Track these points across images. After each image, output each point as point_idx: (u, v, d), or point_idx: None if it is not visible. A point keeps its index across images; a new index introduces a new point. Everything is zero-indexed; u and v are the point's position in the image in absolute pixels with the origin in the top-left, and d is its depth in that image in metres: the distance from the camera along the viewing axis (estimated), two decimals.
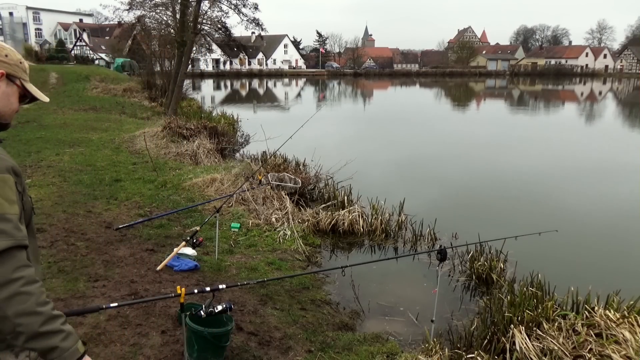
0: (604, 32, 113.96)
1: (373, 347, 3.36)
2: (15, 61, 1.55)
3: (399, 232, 6.16)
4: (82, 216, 5.62)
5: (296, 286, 4.33)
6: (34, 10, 76.80)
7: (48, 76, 27.09)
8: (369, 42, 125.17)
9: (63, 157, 8.82)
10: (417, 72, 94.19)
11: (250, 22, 17.68)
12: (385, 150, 13.10)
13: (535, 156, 11.99)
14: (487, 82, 62.47)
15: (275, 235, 5.50)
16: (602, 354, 2.96)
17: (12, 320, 1.24)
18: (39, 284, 1.31)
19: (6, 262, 1.24)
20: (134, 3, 17.34)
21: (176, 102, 16.44)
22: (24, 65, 1.59)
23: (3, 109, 1.53)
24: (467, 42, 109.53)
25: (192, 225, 5.63)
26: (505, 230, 5.26)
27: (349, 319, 3.90)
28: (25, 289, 1.26)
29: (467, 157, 11.81)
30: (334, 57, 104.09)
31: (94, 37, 71.62)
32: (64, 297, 3.72)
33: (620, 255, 5.90)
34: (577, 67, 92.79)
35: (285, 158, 9.10)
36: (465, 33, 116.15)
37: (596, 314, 3.36)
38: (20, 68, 1.57)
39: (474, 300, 4.61)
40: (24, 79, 1.58)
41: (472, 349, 3.34)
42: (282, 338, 3.40)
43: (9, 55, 1.53)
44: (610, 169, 10.70)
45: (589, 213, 7.70)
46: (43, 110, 15.48)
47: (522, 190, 9.01)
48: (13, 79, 1.54)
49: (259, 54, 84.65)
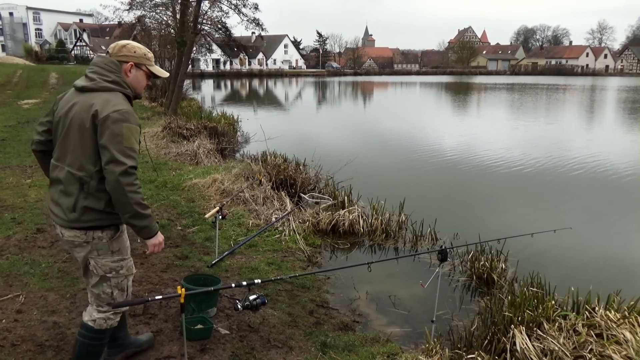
0: (605, 32, 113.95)
1: (373, 348, 3.36)
2: (140, 55, 2.40)
3: (399, 232, 6.15)
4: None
5: (296, 286, 4.33)
6: (34, 10, 76.80)
7: (48, 76, 27.10)
8: (369, 42, 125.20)
9: None
10: (417, 72, 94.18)
11: (251, 22, 17.69)
12: (385, 150, 13.10)
13: (535, 156, 11.98)
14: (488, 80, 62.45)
15: (275, 236, 5.50)
16: (603, 355, 2.95)
17: (132, 205, 2.19)
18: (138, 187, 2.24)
19: (133, 174, 2.21)
20: (134, 3, 17.34)
21: (176, 102, 16.45)
22: (148, 55, 2.46)
23: (136, 87, 2.44)
24: (468, 42, 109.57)
25: (191, 225, 5.63)
26: (505, 231, 5.27)
27: (349, 319, 3.90)
28: (139, 189, 2.23)
29: (468, 157, 11.81)
30: (334, 57, 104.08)
31: (94, 37, 71.64)
32: (65, 298, 3.72)
33: (620, 255, 5.89)
34: (577, 67, 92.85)
35: (285, 158, 9.10)
36: (465, 33, 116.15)
37: (597, 314, 3.36)
38: (145, 58, 2.42)
39: (475, 300, 4.60)
40: (148, 65, 2.44)
41: (473, 349, 3.34)
42: (282, 338, 3.40)
43: (136, 52, 2.39)
44: (610, 170, 10.69)
45: (589, 213, 7.70)
46: (43, 111, 15.44)
47: (522, 190, 9.01)
48: (140, 66, 2.41)
49: (259, 54, 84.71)
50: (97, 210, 2.27)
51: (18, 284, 3.89)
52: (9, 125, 12.16)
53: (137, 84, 2.42)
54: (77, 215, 2.26)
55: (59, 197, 2.32)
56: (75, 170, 2.24)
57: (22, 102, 17.76)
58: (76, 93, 2.32)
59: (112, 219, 2.32)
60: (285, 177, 7.48)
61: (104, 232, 2.33)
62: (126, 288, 2.51)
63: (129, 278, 2.51)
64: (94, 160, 2.22)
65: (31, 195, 6.34)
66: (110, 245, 2.37)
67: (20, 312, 3.46)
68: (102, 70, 2.30)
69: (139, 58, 2.38)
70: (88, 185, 2.24)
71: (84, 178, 2.23)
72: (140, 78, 2.42)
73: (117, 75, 2.32)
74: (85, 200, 2.25)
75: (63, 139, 2.29)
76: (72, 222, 2.28)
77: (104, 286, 2.42)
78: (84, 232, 2.30)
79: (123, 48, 2.36)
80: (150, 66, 2.43)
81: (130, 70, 2.37)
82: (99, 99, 2.22)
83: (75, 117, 2.24)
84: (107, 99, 2.22)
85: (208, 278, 3.69)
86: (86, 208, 2.25)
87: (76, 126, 2.23)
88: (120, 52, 2.35)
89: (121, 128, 2.17)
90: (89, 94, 2.26)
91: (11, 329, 3.23)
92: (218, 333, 3.36)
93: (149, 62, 2.43)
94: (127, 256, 2.47)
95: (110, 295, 2.44)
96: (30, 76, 27.23)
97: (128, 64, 2.36)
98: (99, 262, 2.37)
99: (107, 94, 2.25)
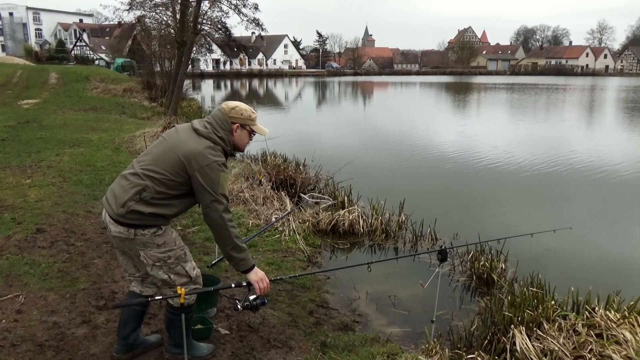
0: (605, 32, 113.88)
1: (373, 348, 3.36)
2: (246, 117, 2.71)
3: (399, 232, 6.15)
4: (82, 216, 5.62)
5: (296, 286, 4.33)
6: (34, 10, 76.78)
7: (48, 76, 27.11)
8: (369, 42, 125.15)
9: (63, 157, 8.82)
10: (417, 72, 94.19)
11: (251, 22, 17.70)
12: (385, 150, 13.11)
13: (535, 156, 11.99)
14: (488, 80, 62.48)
15: (275, 236, 5.50)
16: (603, 355, 2.95)
17: (232, 239, 2.57)
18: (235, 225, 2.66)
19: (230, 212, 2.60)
20: (134, 3, 17.36)
21: (176, 102, 16.45)
22: (252, 116, 2.74)
23: (239, 145, 2.77)
24: (468, 42, 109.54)
25: (191, 225, 5.64)
26: (505, 231, 5.27)
27: (349, 319, 3.90)
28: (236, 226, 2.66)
29: (468, 157, 11.81)
30: (334, 57, 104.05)
31: (94, 37, 71.66)
32: (65, 298, 3.72)
33: (620, 255, 5.89)
34: (577, 67, 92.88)
35: (285, 158, 9.10)
36: (465, 33, 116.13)
37: (596, 314, 3.36)
38: (250, 119, 2.72)
39: (475, 300, 4.60)
40: (252, 125, 2.75)
41: (473, 349, 3.34)
42: (282, 338, 3.40)
43: (243, 114, 2.70)
44: (610, 169, 10.69)
45: (589, 213, 7.70)
46: (43, 111, 15.48)
47: (522, 190, 9.01)
48: (244, 126, 2.72)
49: (259, 54, 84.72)
50: (144, 214, 2.52)
51: (18, 284, 3.88)
52: (9, 125, 12.16)
53: (241, 141, 2.75)
54: (124, 212, 2.50)
55: (119, 190, 2.57)
56: (146, 175, 2.53)
57: (22, 102, 17.76)
58: (190, 129, 2.65)
59: (153, 222, 2.56)
60: (285, 177, 7.48)
61: (145, 230, 2.56)
62: (184, 272, 2.72)
63: (183, 265, 2.72)
64: (169, 179, 2.53)
65: (31, 195, 6.34)
66: (155, 240, 2.59)
67: (20, 312, 3.46)
68: (215, 125, 2.64)
69: (245, 120, 2.69)
70: (149, 192, 2.51)
71: (149, 186, 2.51)
72: (244, 137, 2.74)
73: (225, 132, 2.65)
74: (136, 204, 2.50)
75: (155, 148, 2.65)
76: (119, 216, 2.52)
77: (159, 272, 2.67)
78: (127, 229, 2.54)
79: (232, 110, 2.67)
80: (253, 126, 2.74)
81: (236, 130, 2.68)
82: (201, 145, 2.55)
83: (180, 144, 2.56)
84: (207, 148, 2.55)
85: (208, 278, 3.68)
86: (134, 210, 2.50)
87: (175, 149, 2.55)
88: (231, 113, 2.66)
89: (218, 176, 2.52)
90: (196, 137, 2.59)
91: (11, 329, 3.23)
92: (218, 333, 3.36)
93: (253, 123, 2.74)
94: (174, 247, 2.68)
95: (168, 279, 2.69)
96: (30, 76, 27.20)
97: (235, 124, 2.67)
98: (148, 253, 2.61)
99: (208, 144, 2.56)
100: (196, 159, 2.50)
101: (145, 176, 2.53)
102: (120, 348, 2.90)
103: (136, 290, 2.86)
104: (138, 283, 2.86)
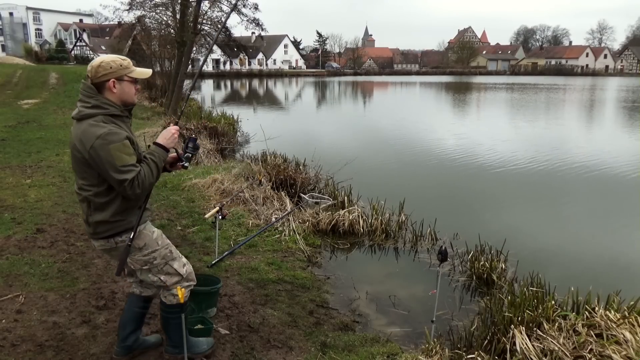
0: (605, 32, 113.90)
1: (373, 348, 3.36)
2: (116, 67, 2.38)
3: (399, 232, 6.15)
4: (82, 216, 5.61)
5: (296, 286, 4.33)
6: (34, 10, 76.76)
7: (48, 76, 27.11)
8: (369, 42, 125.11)
9: (63, 157, 8.82)
10: (417, 72, 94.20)
11: (251, 22, 17.71)
12: (385, 150, 13.09)
13: (535, 156, 11.98)
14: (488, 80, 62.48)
15: (275, 236, 5.50)
16: (603, 355, 2.95)
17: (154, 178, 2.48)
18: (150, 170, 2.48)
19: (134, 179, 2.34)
20: (134, 3, 17.35)
21: (176, 102, 16.43)
22: (124, 63, 2.41)
23: (126, 99, 2.46)
24: (468, 42, 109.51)
25: (191, 225, 5.64)
26: (505, 231, 5.27)
27: (349, 319, 3.90)
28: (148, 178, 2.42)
29: (468, 157, 11.81)
30: (334, 57, 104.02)
31: (94, 37, 71.60)
32: (65, 298, 3.72)
33: (620, 255, 5.89)
34: (577, 67, 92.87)
35: (285, 158, 9.10)
36: (465, 33, 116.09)
37: (596, 314, 3.36)
38: (122, 68, 2.40)
39: (474, 300, 4.60)
40: (129, 73, 2.42)
41: (473, 349, 3.34)
42: (282, 338, 3.40)
43: (112, 66, 2.37)
44: (610, 169, 10.69)
45: (589, 213, 7.70)
46: (43, 111, 15.48)
47: (522, 190, 9.01)
48: (121, 78, 2.40)
49: (259, 54, 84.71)
50: (106, 222, 2.49)
51: (18, 284, 3.89)
52: (9, 125, 12.16)
53: (126, 94, 2.46)
54: (92, 229, 2.53)
55: (83, 214, 2.60)
56: (82, 191, 2.50)
57: (22, 102, 17.76)
58: (74, 123, 2.47)
59: (122, 225, 2.52)
60: (285, 177, 7.47)
61: (122, 236, 2.53)
62: (174, 270, 2.70)
63: (171, 263, 2.69)
64: (91, 183, 2.44)
65: (31, 195, 6.34)
66: (135, 244, 2.55)
67: (20, 312, 3.46)
68: (83, 97, 2.40)
69: (117, 71, 2.39)
70: (93, 202, 2.47)
71: (89, 197, 2.47)
72: (127, 89, 2.45)
73: (96, 98, 2.38)
74: (93, 215, 2.50)
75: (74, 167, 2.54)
76: (92, 235, 2.57)
77: (148, 276, 2.67)
78: (106, 240, 2.54)
79: (99, 68, 2.37)
80: (130, 73, 2.44)
81: (114, 87, 2.40)
82: (80, 130, 2.36)
83: (73, 149, 2.43)
84: (85, 130, 2.34)
85: (208, 278, 3.69)
86: (97, 222, 2.49)
87: (74, 157, 2.45)
88: (98, 74, 2.37)
89: (108, 149, 2.29)
90: (77, 124, 2.41)
91: (11, 329, 3.24)
92: (218, 333, 3.36)
93: (128, 70, 2.43)
94: (157, 247, 2.64)
95: (159, 281, 2.68)
96: (30, 76, 27.23)
97: (109, 81, 2.38)
98: (133, 258, 2.59)
99: (86, 124, 2.35)
100: (83, 145, 2.33)
101: (80, 190, 2.52)
102: (120, 350, 2.90)
103: (136, 292, 2.87)
104: (137, 285, 2.87)
